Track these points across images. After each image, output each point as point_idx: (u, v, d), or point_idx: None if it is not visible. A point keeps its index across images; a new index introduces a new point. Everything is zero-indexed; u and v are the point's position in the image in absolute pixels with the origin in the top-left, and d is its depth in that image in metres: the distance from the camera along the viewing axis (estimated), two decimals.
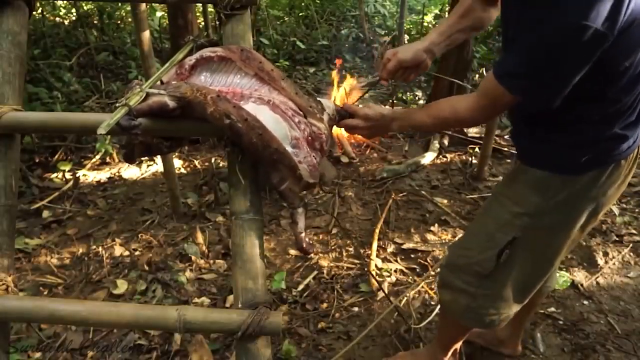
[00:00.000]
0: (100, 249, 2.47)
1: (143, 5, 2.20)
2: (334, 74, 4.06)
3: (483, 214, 1.39)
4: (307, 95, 1.19)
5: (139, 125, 1.01)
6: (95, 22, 5.70)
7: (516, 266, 1.27)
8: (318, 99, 1.21)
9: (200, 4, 5.21)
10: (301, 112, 1.13)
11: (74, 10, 5.87)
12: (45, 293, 2.16)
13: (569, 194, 1.15)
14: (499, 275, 1.29)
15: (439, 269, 1.60)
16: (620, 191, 1.25)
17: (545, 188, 1.17)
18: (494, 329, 1.43)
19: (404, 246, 2.48)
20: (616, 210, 2.72)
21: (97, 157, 3.43)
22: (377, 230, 2.57)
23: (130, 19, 5.91)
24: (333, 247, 2.49)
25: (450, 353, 1.63)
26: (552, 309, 2.05)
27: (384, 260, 2.38)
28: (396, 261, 2.38)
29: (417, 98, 4.94)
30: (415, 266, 2.34)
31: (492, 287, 1.31)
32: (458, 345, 1.65)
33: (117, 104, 1.01)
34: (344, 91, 3.91)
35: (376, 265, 2.31)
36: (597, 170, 1.13)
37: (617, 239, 2.52)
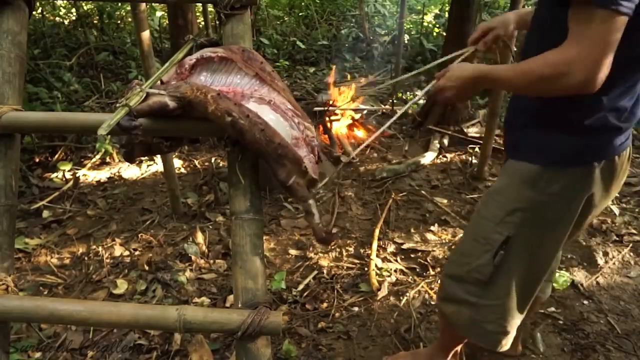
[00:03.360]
0: (100, 249, 2.47)
1: (143, 5, 2.20)
2: (331, 77, 4.05)
3: (477, 217, 1.35)
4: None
5: (139, 126, 1.01)
6: (95, 22, 5.70)
7: (514, 268, 1.24)
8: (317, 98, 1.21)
9: (200, 4, 5.21)
10: (299, 113, 1.13)
11: (74, 10, 5.87)
12: (45, 293, 2.16)
13: (561, 188, 1.13)
14: (499, 280, 1.25)
15: (440, 281, 1.58)
16: (613, 193, 1.23)
17: (536, 181, 1.14)
18: (500, 348, 1.37)
19: (404, 246, 2.48)
20: (616, 210, 2.72)
21: (97, 157, 3.43)
22: (377, 230, 2.57)
23: (130, 19, 5.91)
24: (333, 247, 2.49)
25: (450, 355, 1.62)
26: (552, 308, 2.05)
27: (384, 260, 2.38)
28: (396, 261, 2.38)
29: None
30: (415, 266, 2.34)
31: (494, 295, 1.28)
32: (459, 348, 1.64)
33: (117, 105, 1.01)
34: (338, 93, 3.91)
35: (376, 265, 2.31)
36: (588, 164, 1.11)
37: (617, 238, 2.52)
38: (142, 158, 3.52)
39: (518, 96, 1.21)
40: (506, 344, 1.36)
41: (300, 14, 6.92)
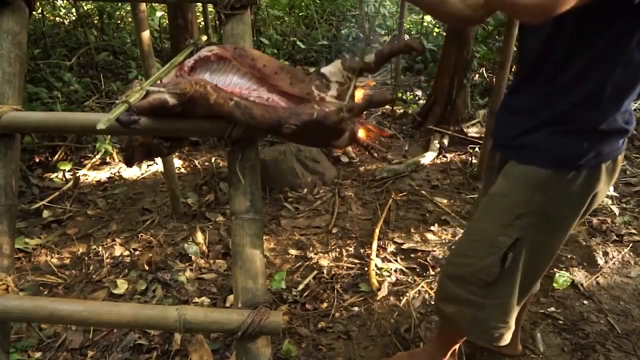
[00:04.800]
0: (100, 248, 2.47)
1: (143, 5, 2.20)
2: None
3: (481, 218, 1.33)
4: (309, 75, 1.15)
5: (138, 120, 1.01)
6: (95, 22, 5.70)
7: (520, 268, 1.25)
8: (321, 70, 1.15)
9: (200, 4, 5.21)
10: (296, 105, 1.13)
11: (74, 10, 5.87)
12: (45, 293, 2.16)
13: (570, 190, 1.13)
14: (506, 280, 1.26)
15: (437, 282, 1.56)
16: (610, 186, 1.25)
17: (545, 185, 1.13)
18: (504, 342, 1.38)
19: (404, 246, 2.48)
20: (616, 210, 2.72)
21: (97, 157, 3.43)
22: (377, 230, 2.57)
23: (130, 19, 5.91)
24: (333, 247, 2.49)
25: (449, 354, 1.62)
26: (552, 308, 2.05)
27: (384, 260, 2.38)
28: (396, 261, 2.38)
29: (417, 98, 4.94)
30: (415, 266, 2.34)
31: (500, 295, 1.28)
32: (457, 346, 1.64)
33: (117, 101, 1.01)
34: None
35: (376, 265, 2.31)
36: (598, 165, 1.12)
37: (617, 238, 2.52)
38: None
39: (519, 95, 1.19)
40: (508, 338, 1.38)
41: (300, 14, 6.92)
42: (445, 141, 3.75)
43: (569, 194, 1.14)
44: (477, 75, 4.87)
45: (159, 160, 3.30)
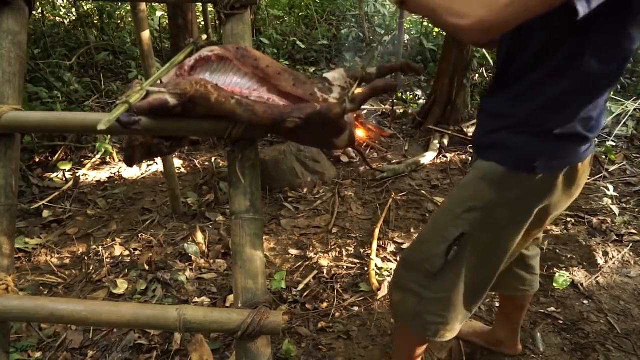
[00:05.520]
0: (100, 248, 2.47)
1: (143, 5, 2.20)
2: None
3: (440, 208, 1.35)
4: (311, 79, 1.17)
5: (139, 121, 1.01)
6: (95, 22, 5.70)
7: (464, 266, 1.23)
8: (324, 75, 1.18)
9: (200, 4, 5.21)
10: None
11: (74, 10, 5.87)
12: (45, 293, 2.16)
13: (523, 193, 1.13)
14: (448, 274, 1.24)
15: (396, 265, 1.54)
16: (572, 198, 1.21)
17: (500, 184, 1.14)
18: (440, 337, 1.34)
19: (404, 246, 2.48)
20: (616, 210, 2.72)
21: (97, 156, 3.43)
22: (377, 230, 2.57)
23: (130, 19, 5.91)
24: (333, 247, 2.49)
25: None
26: (552, 308, 2.05)
27: (384, 260, 2.38)
28: (396, 261, 2.38)
29: (417, 98, 4.94)
30: None
31: (441, 289, 1.26)
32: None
33: (117, 102, 1.01)
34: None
35: (376, 265, 2.31)
36: (554, 170, 1.10)
37: (617, 238, 2.52)
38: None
39: (491, 98, 1.21)
40: (447, 335, 1.34)
41: (300, 14, 6.92)
42: (445, 141, 3.75)
43: (520, 198, 1.13)
44: (477, 75, 4.88)
45: (159, 160, 3.30)
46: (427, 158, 3.45)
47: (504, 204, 1.15)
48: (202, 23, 5.11)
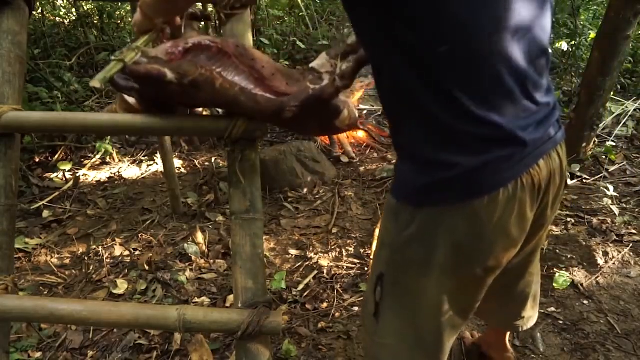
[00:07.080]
0: (100, 248, 2.47)
1: None
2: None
3: None
4: (303, 73, 1.14)
5: (135, 88, 1.00)
6: (95, 22, 5.70)
7: (393, 311, 1.05)
8: (311, 65, 1.14)
9: (200, 4, 5.21)
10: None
11: (74, 10, 5.87)
12: (45, 293, 2.16)
13: (419, 230, 0.93)
14: (383, 317, 1.06)
15: None
16: (483, 238, 0.91)
17: (396, 218, 0.98)
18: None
19: None
20: (616, 210, 2.72)
21: (97, 157, 3.43)
22: (377, 230, 2.57)
23: (130, 19, 5.91)
24: (333, 247, 2.49)
25: None
26: (552, 308, 2.05)
27: None
28: None
29: None
30: None
31: (385, 335, 1.08)
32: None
33: (112, 58, 0.98)
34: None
35: None
36: (440, 206, 0.90)
37: (617, 238, 2.52)
38: (142, 158, 3.52)
39: (392, 128, 1.05)
40: None
41: (300, 14, 6.92)
42: None
43: (418, 234, 0.94)
44: None
45: (159, 160, 3.31)
46: None
47: (404, 242, 0.97)
48: (202, 23, 5.11)
